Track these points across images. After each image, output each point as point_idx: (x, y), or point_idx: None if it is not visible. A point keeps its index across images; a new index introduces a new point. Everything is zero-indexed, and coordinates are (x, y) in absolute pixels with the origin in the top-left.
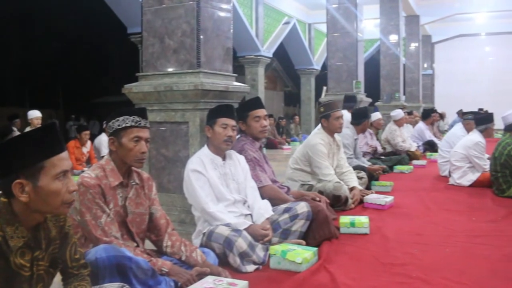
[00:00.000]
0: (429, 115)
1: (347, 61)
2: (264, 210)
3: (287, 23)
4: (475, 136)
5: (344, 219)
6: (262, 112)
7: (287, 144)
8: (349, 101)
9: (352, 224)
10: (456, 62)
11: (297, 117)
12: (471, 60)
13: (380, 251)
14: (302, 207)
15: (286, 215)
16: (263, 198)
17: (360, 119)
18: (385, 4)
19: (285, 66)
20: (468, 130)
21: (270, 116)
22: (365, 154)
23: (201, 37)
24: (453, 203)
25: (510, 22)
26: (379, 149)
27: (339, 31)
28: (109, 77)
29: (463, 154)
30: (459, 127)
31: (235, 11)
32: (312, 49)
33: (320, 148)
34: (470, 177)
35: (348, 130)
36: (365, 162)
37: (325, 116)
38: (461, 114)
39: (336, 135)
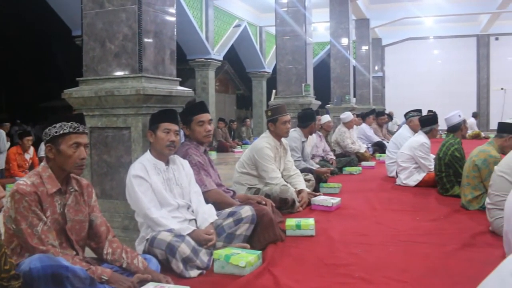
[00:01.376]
0: (368, 115)
1: (296, 64)
2: (208, 214)
3: (237, 26)
4: (420, 137)
5: (290, 222)
6: (206, 116)
7: (238, 147)
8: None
9: (298, 227)
10: (406, 64)
11: (248, 120)
12: (420, 63)
13: (325, 252)
14: (247, 211)
15: (230, 219)
16: (208, 202)
17: (306, 121)
18: (335, 8)
19: (237, 69)
20: (412, 127)
21: (221, 120)
22: (314, 156)
23: (143, 41)
24: (398, 203)
25: (456, 26)
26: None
27: (288, 34)
28: (55, 81)
29: (409, 155)
30: (405, 129)
31: (185, 14)
32: (264, 52)
33: (266, 152)
34: (416, 177)
35: (295, 132)
36: (313, 165)
37: (272, 120)
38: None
39: (283, 138)
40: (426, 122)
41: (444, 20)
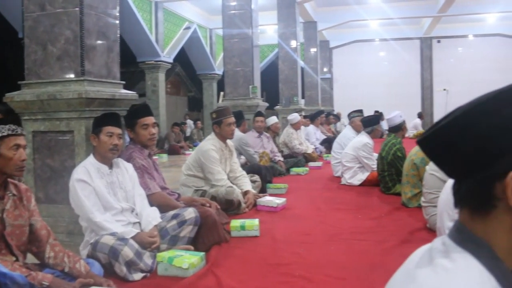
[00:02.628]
0: (316, 117)
1: (244, 66)
2: (152, 217)
3: (187, 28)
4: (363, 138)
5: (235, 223)
6: (150, 119)
7: (190, 149)
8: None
9: (243, 227)
10: (353, 66)
11: (199, 122)
12: (367, 64)
13: (268, 252)
14: (190, 213)
15: (174, 222)
16: (152, 205)
17: (237, 120)
18: (282, 11)
19: (188, 71)
20: (354, 128)
21: (175, 124)
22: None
23: (86, 44)
24: (342, 202)
25: (401, 29)
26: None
27: (236, 37)
28: (5, 83)
29: (352, 155)
30: (348, 129)
31: (134, 16)
32: (214, 54)
33: (211, 154)
34: (360, 177)
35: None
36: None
37: (217, 123)
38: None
39: (228, 140)
40: (368, 122)
41: (389, 23)
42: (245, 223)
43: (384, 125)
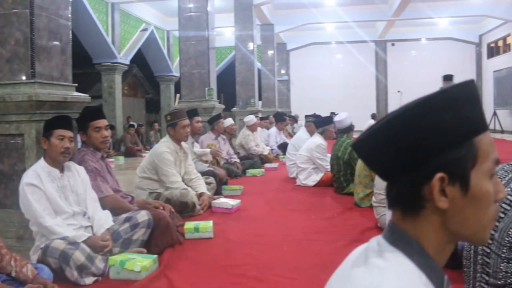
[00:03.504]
0: (283, 119)
1: (200, 68)
2: (104, 220)
3: (144, 29)
4: (317, 139)
5: (189, 225)
6: (103, 122)
7: (147, 151)
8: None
9: (196, 229)
10: (310, 68)
11: (156, 124)
12: (323, 67)
13: (221, 253)
14: (143, 216)
15: (126, 225)
16: (105, 208)
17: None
18: (239, 13)
19: (146, 73)
20: (310, 132)
21: (131, 126)
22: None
23: (37, 45)
24: (296, 203)
25: (356, 32)
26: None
27: (192, 39)
28: None
29: (307, 156)
30: (303, 131)
31: (90, 17)
32: (171, 56)
33: (166, 156)
34: (315, 178)
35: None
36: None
37: (172, 125)
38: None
39: (183, 143)
40: (320, 123)
41: (344, 27)
42: (199, 225)
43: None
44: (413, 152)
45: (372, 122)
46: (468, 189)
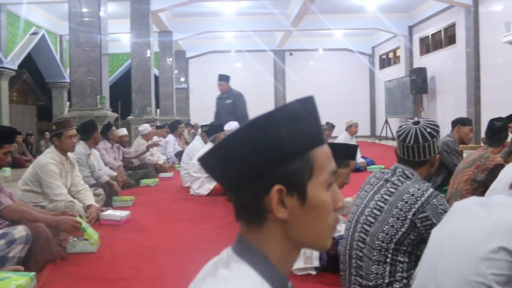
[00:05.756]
0: (177, 127)
1: (92, 75)
2: None
3: (35, 33)
4: (209, 147)
5: (72, 239)
6: None
7: None
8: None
9: (84, 230)
10: (210, 76)
11: (47, 133)
12: None
13: (106, 267)
14: (20, 231)
15: (2, 241)
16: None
17: (88, 132)
18: (136, 19)
19: (37, 79)
20: (204, 140)
21: (18, 133)
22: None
23: None
24: (188, 213)
25: (255, 41)
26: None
27: (83, 45)
28: None
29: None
30: (197, 140)
31: None
32: (64, 62)
33: (50, 168)
34: (208, 186)
35: (79, 146)
36: (109, 173)
37: (57, 135)
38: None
39: (69, 153)
40: (210, 131)
41: (244, 36)
42: (83, 238)
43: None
44: (253, 165)
45: None
46: (305, 200)
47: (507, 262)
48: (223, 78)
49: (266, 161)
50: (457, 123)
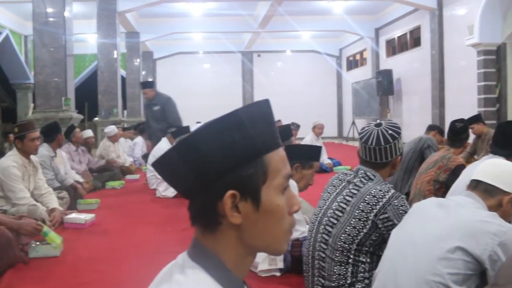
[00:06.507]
0: (144, 129)
1: (56, 77)
2: None
3: None
4: None
5: (34, 243)
6: None
7: None
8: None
9: (45, 234)
10: (177, 77)
11: (11, 135)
12: (191, 76)
13: (69, 272)
14: None
15: None
16: None
17: (52, 135)
18: (102, 20)
19: (1, 80)
20: (170, 141)
21: None
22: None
23: None
24: (154, 215)
25: (223, 43)
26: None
27: (47, 46)
28: None
29: None
30: (165, 142)
31: None
32: (29, 62)
33: (12, 171)
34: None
35: (42, 149)
36: (74, 176)
37: (20, 137)
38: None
39: (32, 156)
40: (176, 134)
41: (212, 37)
42: (45, 242)
43: None
44: (205, 171)
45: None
46: (259, 205)
47: (463, 261)
48: (147, 85)
49: (220, 166)
50: (435, 129)
